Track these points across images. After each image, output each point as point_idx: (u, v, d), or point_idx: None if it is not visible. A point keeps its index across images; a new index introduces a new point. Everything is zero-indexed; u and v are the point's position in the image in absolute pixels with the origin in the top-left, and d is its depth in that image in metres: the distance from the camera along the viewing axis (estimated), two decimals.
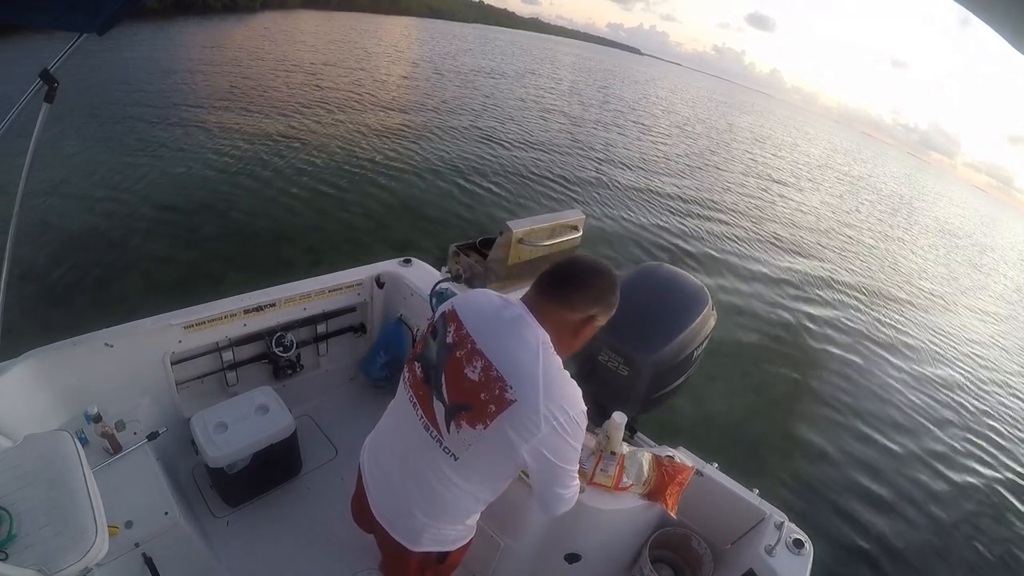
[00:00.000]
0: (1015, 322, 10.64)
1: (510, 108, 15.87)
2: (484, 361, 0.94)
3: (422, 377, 1.02)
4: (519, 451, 0.92)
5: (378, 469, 1.17)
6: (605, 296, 0.99)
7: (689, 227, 9.02)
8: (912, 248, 14.49)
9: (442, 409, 0.98)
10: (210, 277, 4.64)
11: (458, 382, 0.96)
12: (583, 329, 1.01)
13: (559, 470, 0.98)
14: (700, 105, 42.02)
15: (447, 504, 1.05)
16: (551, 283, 0.99)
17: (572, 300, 0.98)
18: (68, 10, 1.35)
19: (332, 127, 9.98)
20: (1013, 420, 5.96)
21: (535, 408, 0.90)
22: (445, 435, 0.98)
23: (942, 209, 31.16)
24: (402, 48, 28.41)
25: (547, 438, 0.92)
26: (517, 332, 0.95)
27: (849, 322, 7.21)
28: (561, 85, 26.28)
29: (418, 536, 1.09)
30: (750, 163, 18.69)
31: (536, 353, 0.93)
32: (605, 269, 1.01)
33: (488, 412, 0.92)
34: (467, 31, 61.37)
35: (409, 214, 6.70)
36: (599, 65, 53.05)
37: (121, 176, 6.32)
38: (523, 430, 0.91)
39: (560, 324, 0.98)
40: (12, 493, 1.14)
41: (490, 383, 0.92)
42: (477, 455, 0.97)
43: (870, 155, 57.54)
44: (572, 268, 1.00)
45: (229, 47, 17.85)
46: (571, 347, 1.03)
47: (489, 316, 0.99)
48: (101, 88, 9.59)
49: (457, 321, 1.00)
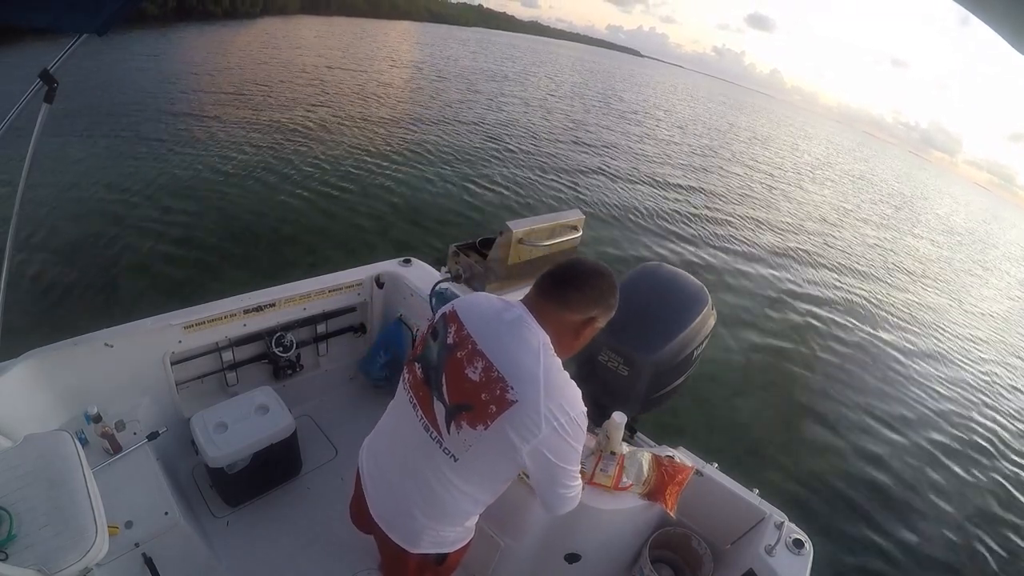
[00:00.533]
0: (1016, 319, 10.65)
1: (510, 110, 15.89)
2: (485, 362, 0.94)
3: (422, 378, 1.03)
4: (520, 452, 0.93)
5: (377, 470, 1.16)
6: (605, 297, 1.00)
7: (688, 226, 9.02)
8: (914, 243, 14.52)
9: (443, 410, 0.98)
10: (209, 277, 4.64)
11: (459, 383, 0.96)
12: (583, 330, 1.01)
13: (560, 470, 0.98)
14: (701, 105, 42.11)
15: (446, 505, 1.05)
16: (551, 284, 0.99)
17: (572, 301, 0.98)
18: (68, 10, 1.35)
19: (331, 129, 9.99)
20: (1015, 419, 5.95)
21: (536, 409, 0.90)
22: (445, 436, 0.98)
23: (943, 206, 31.28)
24: (403, 52, 28.52)
25: (548, 439, 0.92)
26: (518, 333, 0.96)
27: (850, 321, 7.20)
28: (562, 88, 26.31)
29: (417, 537, 1.09)
30: (751, 162, 18.72)
31: (537, 354, 0.93)
32: (605, 271, 1.01)
33: (489, 412, 0.92)
34: (467, 35, 61.40)
35: (409, 214, 6.70)
36: (599, 67, 53.10)
37: (121, 177, 6.33)
38: (524, 431, 0.91)
39: (560, 325, 0.99)
40: (12, 493, 1.14)
41: (491, 384, 0.92)
42: (477, 456, 0.97)
43: (870, 153, 57.70)
44: (572, 270, 1.00)
45: (231, 52, 17.93)
46: (571, 348, 1.04)
47: (490, 318, 1.00)
48: (100, 91, 9.62)
49: (458, 322, 1.01)
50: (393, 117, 11.76)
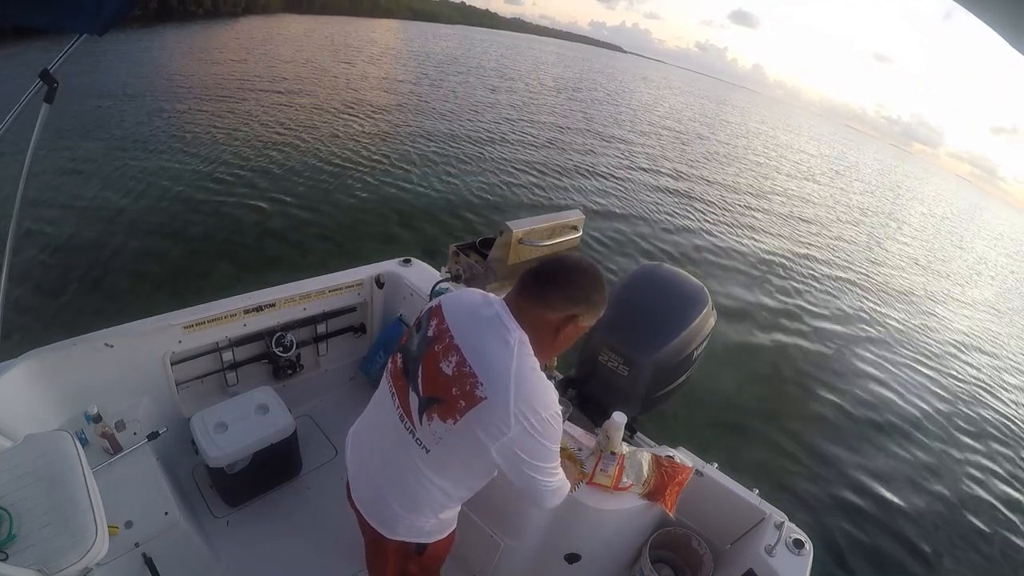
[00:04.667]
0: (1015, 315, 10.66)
1: (503, 108, 15.88)
2: (459, 356, 0.94)
3: (401, 368, 1.04)
4: (488, 450, 0.92)
5: (358, 456, 1.18)
6: (587, 295, 0.96)
7: (687, 226, 9.02)
8: (906, 237, 14.57)
9: (416, 401, 0.98)
10: (209, 277, 4.64)
11: (433, 375, 0.96)
12: (564, 329, 0.98)
13: (535, 467, 0.97)
14: (684, 100, 42.29)
15: (418, 495, 1.05)
16: (532, 281, 0.97)
17: (551, 298, 0.95)
18: (68, 11, 1.35)
19: (330, 129, 9.98)
20: (1015, 418, 5.95)
21: (505, 407, 0.89)
22: (418, 427, 0.99)
23: (925, 196, 31.80)
24: (390, 51, 28.36)
25: (517, 438, 0.91)
26: (493, 330, 0.95)
27: (851, 321, 7.20)
28: (548, 85, 26.21)
29: (394, 525, 1.10)
30: (741, 158, 18.76)
31: (511, 352, 0.92)
32: (588, 268, 0.98)
33: (458, 407, 0.92)
34: (451, 32, 61.21)
35: (409, 214, 6.70)
36: (583, 64, 52.82)
37: (122, 177, 6.33)
38: (492, 428, 0.90)
39: (539, 323, 0.96)
40: (12, 493, 1.14)
41: (462, 378, 0.92)
42: (447, 450, 0.97)
43: (852, 146, 58.23)
44: (553, 266, 0.98)
45: (216, 52, 17.77)
46: (552, 348, 1.00)
47: (469, 312, 0.99)
48: (86, 93, 9.60)
49: (440, 316, 1.01)
50: (392, 118, 11.76)
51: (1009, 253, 21.17)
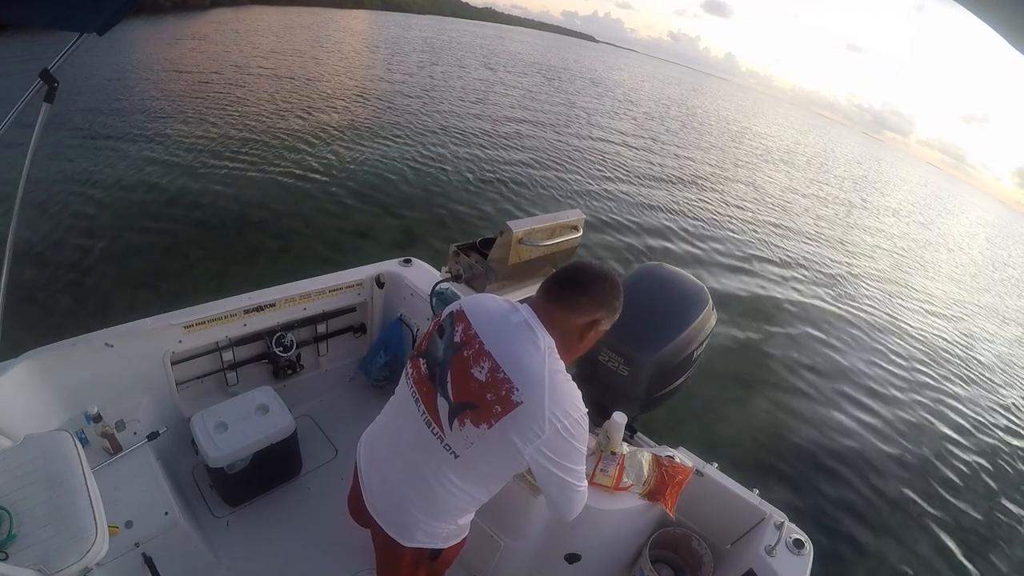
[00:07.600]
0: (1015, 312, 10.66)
1: (502, 105, 15.85)
2: (492, 362, 0.95)
3: (426, 374, 1.03)
4: (522, 453, 0.94)
5: (374, 463, 1.17)
6: (609, 300, 1.00)
7: (686, 225, 9.02)
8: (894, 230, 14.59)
9: (446, 406, 0.98)
10: (209, 277, 4.64)
11: (464, 381, 0.97)
12: (587, 333, 1.02)
13: (566, 470, 0.99)
14: (655, 89, 42.45)
15: (442, 502, 1.05)
16: (558, 287, 1.00)
17: (578, 304, 0.99)
18: (68, 10, 1.35)
19: (328, 129, 9.97)
20: (1015, 418, 5.96)
21: (540, 411, 0.91)
22: (447, 432, 0.99)
23: (896, 183, 32.51)
24: (366, 43, 28.05)
25: (551, 440, 0.93)
26: (524, 336, 0.97)
27: (852, 321, 7.20)
28: (529, 79, 25.95)
29: (411, 532, 1.09)
30: (709, 145, 18.80)
31: (543, 358, 0.95)
32: (610, 274, 1.02)
33: (494, 413, 0.93)
34: (424, 22, 60.60)
35: (410, 214, 6.70)
36: (556, 54, 52.34)
37: (120, 177, 6.32)
38: (528, 432, 0.92)
39: (565, 328, 1.00)
40: (12, 493, 1.14)
41: (497, 384, 0.93)
42: (478, 454, 0.98)
43: (824, 134, 58.85)
44: (578, 273, 1.01)
45: (187, 45, 17.50)
46: (575, 351, 1.05)
47: (497, 319, 1.01)
48: (82, 90, 9.57)
49: (465, 321, 1.02)
50: (392, 118, 11.74)
51: (972, 234, 21.81)
